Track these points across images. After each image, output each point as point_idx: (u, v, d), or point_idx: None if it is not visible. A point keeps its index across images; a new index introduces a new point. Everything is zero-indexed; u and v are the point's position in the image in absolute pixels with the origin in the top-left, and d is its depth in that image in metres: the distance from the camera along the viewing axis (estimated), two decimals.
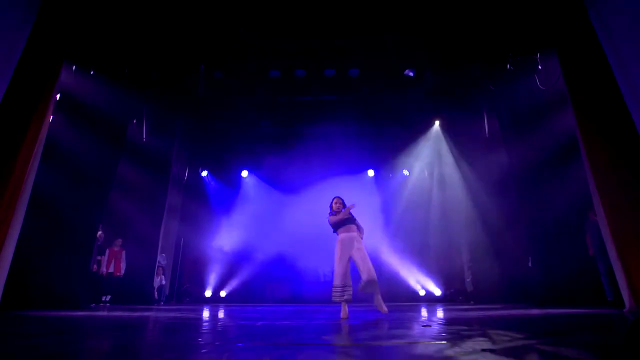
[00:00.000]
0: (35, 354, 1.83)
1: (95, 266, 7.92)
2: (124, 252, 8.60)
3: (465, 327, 2.93)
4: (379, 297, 4.53)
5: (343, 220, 4.60)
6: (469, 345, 1.99)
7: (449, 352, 1.81)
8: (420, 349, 1.96)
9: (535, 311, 4.84)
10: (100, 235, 8.20)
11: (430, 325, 3.19)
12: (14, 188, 4.79)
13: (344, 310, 4.19)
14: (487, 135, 8.21)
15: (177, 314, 5.03)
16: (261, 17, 6.33)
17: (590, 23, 4.87)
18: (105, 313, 5.32)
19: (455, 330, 2.73)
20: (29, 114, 5.19)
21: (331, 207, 4.81)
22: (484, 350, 1.81)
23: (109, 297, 8.24)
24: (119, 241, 8.55)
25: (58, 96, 6.56)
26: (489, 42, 6.57)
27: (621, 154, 4.42)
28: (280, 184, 12.04)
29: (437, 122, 9.91)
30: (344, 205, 4.77)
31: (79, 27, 6.07)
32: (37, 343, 2.22)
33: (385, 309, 4.48)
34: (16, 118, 5.03)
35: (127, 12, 6.04)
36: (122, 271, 8.47)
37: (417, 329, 2.96)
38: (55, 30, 5.75)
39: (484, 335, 2.41)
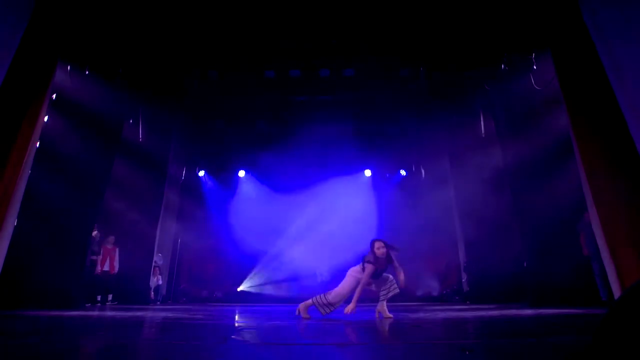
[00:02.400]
0: (22, 354, 1.82)
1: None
2: (117, 250, 8.55)
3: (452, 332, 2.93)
4: (384, 303, 4.24)
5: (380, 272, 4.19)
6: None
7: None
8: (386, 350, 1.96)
9: (528, 311, 4.83)
10: (96, 235, 8.17)
11: (419, 326, 3.19)
12: (6, 187, 4.78)
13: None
14: (483, 135, 8.20)
15: (170, 314, 5.03)
16: (256, 16, 6.33)
17: (583, 23, 4.86)
18: (98, 313, 5.32)
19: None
20: (22, 113, 5.16)
21: (373, 251, 4.10)
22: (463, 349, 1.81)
23: (109, 296, 8.25)
24: (112, 238, 8.46)
25: (54, 96, 6.56)
26: (484, 42, 6.56)
27: (614, 153, 4.41)
28: (277, 183, 12.03)
29: (433, 122, 9.88)
30: (388, 249, 4.12)
31: (74, 26, 6.05)
32: (25, 343, 2.21)
33: (388, 314, 4.19)
34: (9, 117, 5.01)
35: (122, 12, 6.04)
36: (116, 269, 8.43)
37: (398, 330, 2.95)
38: (50, 29, 5.72)
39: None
